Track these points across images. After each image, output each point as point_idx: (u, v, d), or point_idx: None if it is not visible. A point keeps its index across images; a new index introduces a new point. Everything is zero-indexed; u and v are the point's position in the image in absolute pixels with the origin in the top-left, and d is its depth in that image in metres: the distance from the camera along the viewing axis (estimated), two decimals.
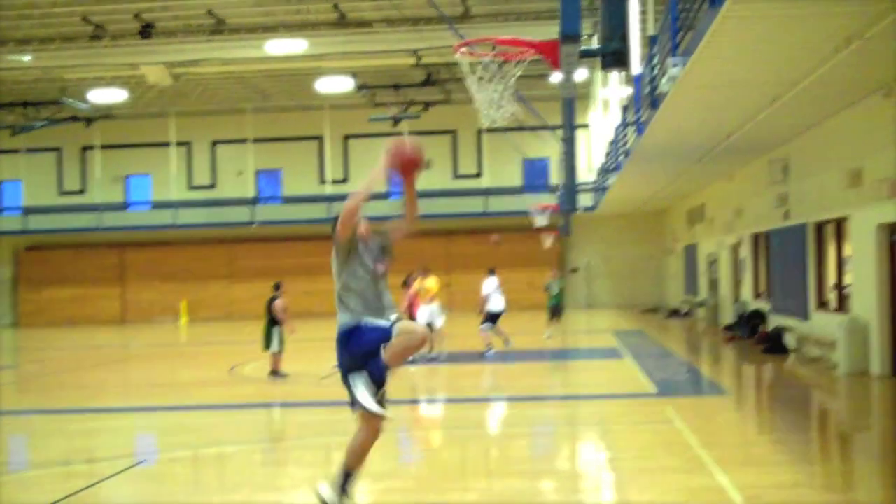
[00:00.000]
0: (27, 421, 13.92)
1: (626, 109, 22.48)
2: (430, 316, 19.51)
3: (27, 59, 29.00)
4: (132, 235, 42.99)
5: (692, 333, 26.92)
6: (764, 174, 21.08)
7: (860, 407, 13.72)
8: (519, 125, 32.90)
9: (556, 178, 39.39)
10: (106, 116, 38.99)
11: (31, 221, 42.76)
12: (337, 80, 33.81)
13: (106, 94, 34.74)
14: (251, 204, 42.60)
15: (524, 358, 20.55)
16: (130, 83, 34.67)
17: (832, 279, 18.33)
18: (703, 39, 10.75)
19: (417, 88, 35.52)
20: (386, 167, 7.21)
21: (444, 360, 19.51)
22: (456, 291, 37.89)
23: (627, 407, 13.38)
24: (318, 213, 41.52)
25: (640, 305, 40.17)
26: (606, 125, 29.63)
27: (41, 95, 36.24)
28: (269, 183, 45.01)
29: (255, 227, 41.98)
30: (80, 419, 13.81)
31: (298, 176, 43.51)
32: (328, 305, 37.52)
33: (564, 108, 25.65)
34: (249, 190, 43.28)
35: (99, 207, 42.53)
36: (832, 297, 18.26)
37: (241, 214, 42.18)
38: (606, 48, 9.70)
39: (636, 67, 18.20)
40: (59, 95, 35.38)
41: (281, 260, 41.97)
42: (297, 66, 32.70)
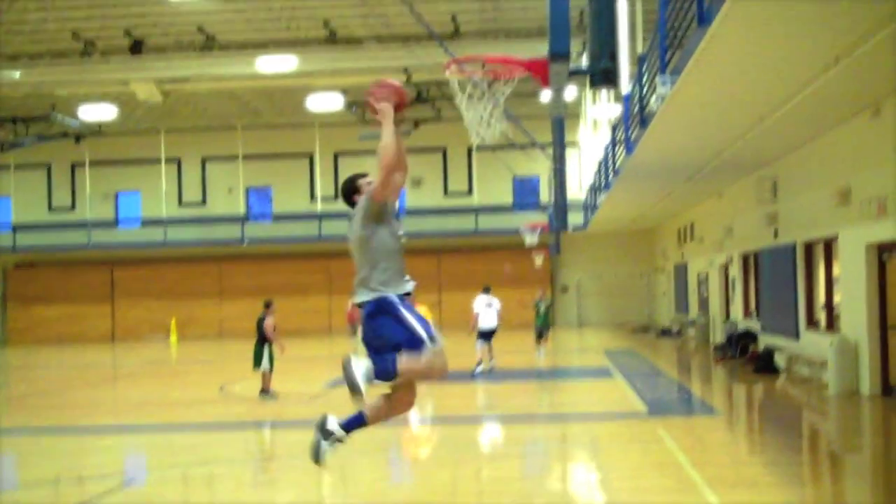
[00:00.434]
0: (16, 440, 13.81)
1: (615, 128, 22.53)
2: None
3: (17, 74, 28.96)
4: (122, 253, 42.90)
5: (683, 353, 26.91)
6: (753, 193, 21.13)
7: (851, 427, 13.71)
8: (509, 143, 32.96)
9: (546, 196, 39.44)
10: (96, 133, 38.93)
11: (20, 238, 42.60)
12: (327, 97, 33.85)
13: (96, 110, 34.72)
14: (241, 221, 42.55)
15: (514, 377, 20.51)
16: (120, 99, 34.64)
17: (822, 298, 18.36)
18: (691, 58, 10.79)
19: (407, 106, 35.55)
20: (386, 106, 7.06)
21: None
22: (447, 310, 37.86)
23: (618, 426, 13.35)
24: (308, 230, 41.55)
25: (630, 324, 40.16)
26: (596, 143, 29.71)
27: (31, 111, 36.18)
28: (259, 200, 44.98)
29: (245, 244, 41.92)
30: (68, 438, 13.73)
31: (289, 193, 43.49)
32: (319, 323, 37.52)
33: (554, 126, 25.69)
34: (240, 207, 43.22)
35: (88, 224, 42.44)
36: (822, 316, 18.29)
37: (231, 232, 42.11)
38: (595, 67, 9.70)
39: (625, 86, 18.28)
40: (48, 111, 35.33)
41: (271, 278, 41.94)
42: (287, 83, 32.71)
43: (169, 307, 42.68)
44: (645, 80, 15.60)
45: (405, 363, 6.69)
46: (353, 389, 6.68)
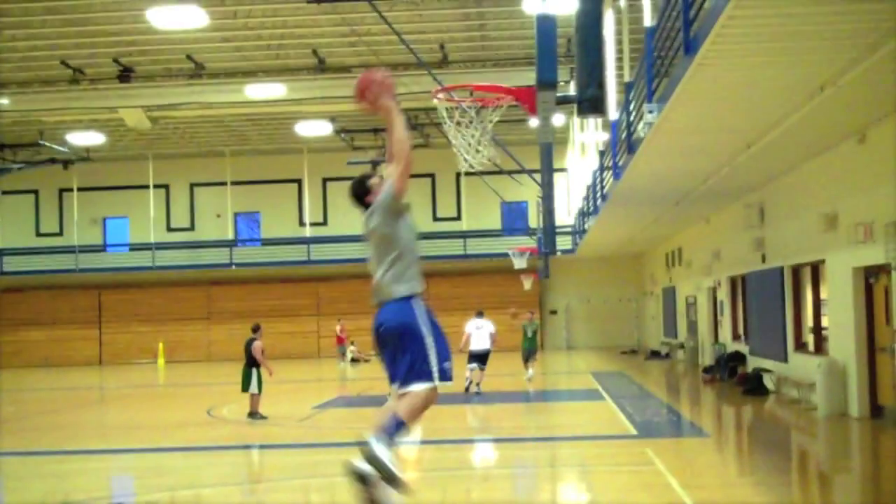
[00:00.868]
0: (3, 462, 13.77)
1: (603, 154, 22.68)
2: None
3: (5, 101, 28.98)
4: (110, 277, 42.80)
5: (672, 375, 26.98)
6: (740, 218, 21.28)
7: (840, 449, 13.79)
8: (497, 169, 33.09)
9: (534, 220, 39.56)
10: (84, 159, 38.91)
11: (8, 263, 42.50)
12: (316, 124, 33.97)
13: (84, 137, 34.75)
14: (230, 246, 42.54)
15: (504, 399, 20.53)
16: (109, 126, 34.65)
17: (810, 321, 18.47)
18: (678, 86, 10.91)
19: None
20: (387, 101, 7.04)
21: None
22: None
23: (608, 449, 13.40)
24: (296, 255, 41.58)
25: (619, 347, 40.23)
26: (584, 169, 29.85)
27: (19, 138, 36.14)
28: (247, 225, 45.01)
29: (233, 268, 41.90)
30: (56, 461, 13.69)
31: (277, 219, 43.52)
32: (307, 347, 37.49)
33: (542, 152, 25.83)
34: (228, 232, 43.22)
35: (76, 249, 42.35)
36: (810, 338, 18.39)
37: (219, 256, 42.10)
38: (583, 94, 9.79)
39: (612, 113, 18.42)
40: (37, 138, 35.31)
41: (259, 302, 41.94)
42: (276, 110, 32.79)
43: (157, 331, 42.59)
44: (632, 107, 15.74)
45: (409, 411, 6.55)
46: (391, 481, 6.36)
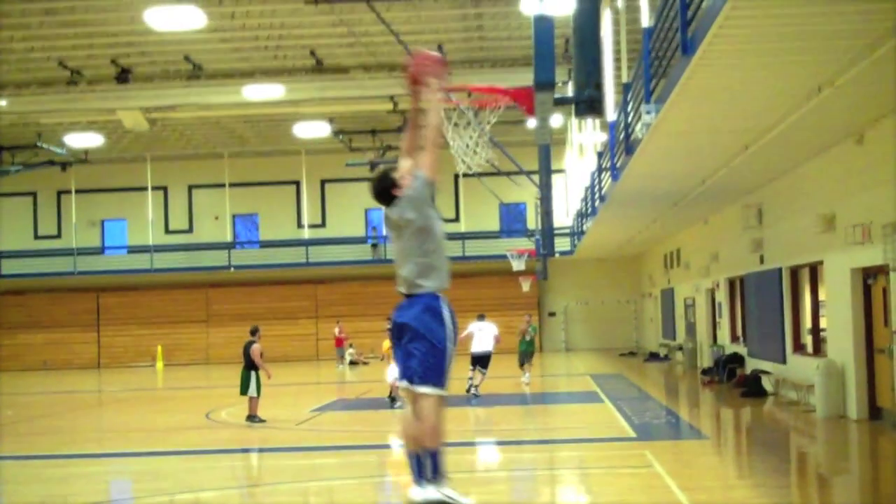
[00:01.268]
0: (1, 467, 13.73)
1: (601, 155, 22.67)
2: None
3: (3, 103, 28.94)
4: (108, 280, 42.77)
5: (670, 377, 26.96)
6: (738, 219, 21.26)
7: (839, 450, 13.77)
8: (495, 170, 33.09)
9: (533, 222, 39.55)
10: (82, 161, 38.90)
11: (6, 266, 42.46)
12: (314, 125, 33.95)
13: (82, 138, 34.72)
14: (228, 248, 42.52)
15: (503, 401, 20.51)
16: (107, 128, 34.64)
17: (808, 323, 18.45)
18: (676, 87, 10.90)
19: (394, 133, 35.65)
20: (434, 81, 6.93)
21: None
22: None
23: (607, 451, 13.37)
24: (295, 257, 41.56)
25: (617, 349, 40.24)
26: (582, 170, 29.85)
27: (17, 140, 36.13)
28: (245, 227, 44.99)
29: (231, 271, 41.88)
30: (54, 465, 13.66)
31: (276, 220, 43.52)
32: (305, 349, 37.43)
33: (540, 153, 25.83)
34: (226, 234, 43.20)
35: (74, 252, 42.32)
36: (808, 340, 18.38)
37: (217, 258, 42.08)
38: (580, 96, 9.77)
39: (610, 114, 18.42)
40: (34, 140, 35.29)
41: (258, 304, 41.93)
42: (274, 111, 32.80)
43: (155, 334, 42.59)
44: (630, 108, 15.72)
45: (432, 436, 6.78)
46: None
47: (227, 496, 10.85)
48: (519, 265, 35.50)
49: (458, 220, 42.43)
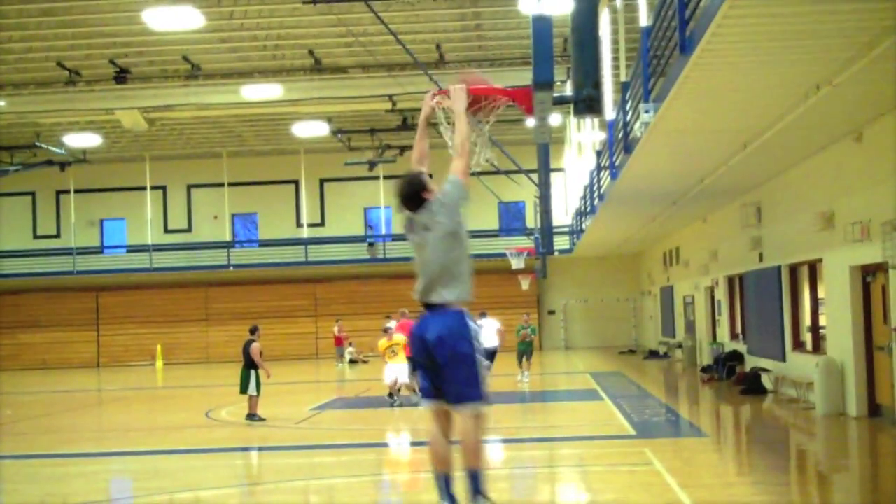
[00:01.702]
0: (0, 466, 13.75)
1: (599, 154, 22.68)
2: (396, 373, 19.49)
3: (1, 103, 28.94)
4: (107, 279, 42.77)
5: (670, 375, 26.98)
6: (737, 217, 21.28)
7: (838, 448, 13.78)
8: (494, 169, 33.11)
9: (532, 221, 39.56)
10: (81, 161, 38.89)
11: (5, 265, 42.46)
12: (312, 124, 33.95)
13: (81, 138, 34.72)
14: (227, 247, 42.52)
15: (503, 399, 20.51)
16: (105, 128, 34.64)
17: (807, 320, 18.47)
18: (674, 86, 10.91)
19: (393, 133, 35.66)
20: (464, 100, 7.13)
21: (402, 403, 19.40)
22: None
23: (606, 448, 13.39)
24: (293, 256, 41.56)
25: (617, 347, 40.27)
26: (581, 168, 29.87)
27: (15, 140, 36.12)
28: (244, 227, 45.00)
29: (231, 270, 41.88)
30: (54, 464, 13.67)
31: (275, 219, 43.51)
32: (305, 348, 37.41)
33: (539, 152, 25.85)
34: (225, 234, 43.20)
35: (74, 251, 42.32)
36: (808, 338, 18.39)
37: (217, 257, 42.07)
38: (579, 95, 9.78)
39: (609, 113, 18.43)
40: (33, 140, 35.28)
41: (257, 303, 41.95)
42: (272, 110, 32.79)
43: (155, 333, 42.57)
44: (629, 107, 15.74)
45: (476, 455, 6.81)
46: None
47: (226, 495, 10.86)
48: (518, 264, 35.51)
49: None
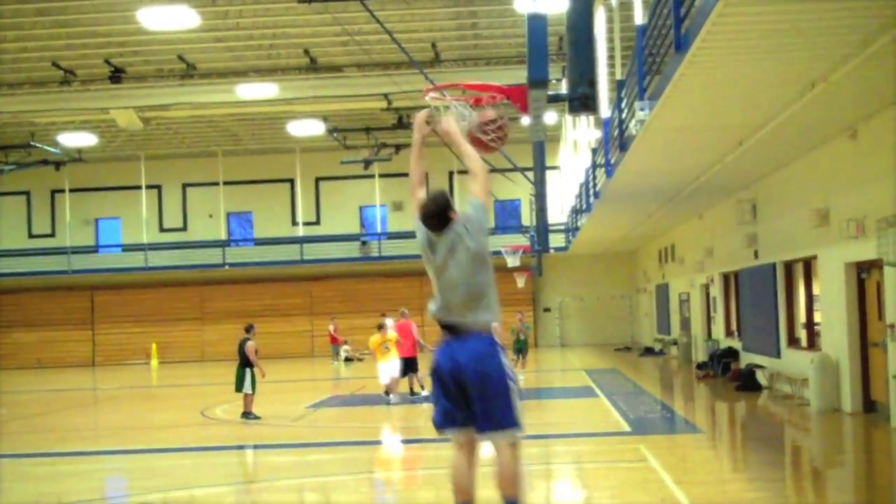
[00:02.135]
0: None
1: (595, 151, 22.70)
2: (391, 371, 19.55)
3: None
4: (102, 278, 42.72)
5: (665, 372, 27.02)
6: (733, 215, 21.32)
7: (833, 444, 13.82)
8: (490, 167, 33.11)
9: (527, 218, 39.60)
10: (76, 160, 38.84)
11: (0, 265, 42.39)
12: (308, 123, 33.94)
13: (76, 137, 34.68)
14: (222, 246, 42.49)
15: None
16: (100, 127, 34.59)
17: (802, 317, 18.51)
18: (669, 84, 10.93)
19: (388, 131, 35.66)
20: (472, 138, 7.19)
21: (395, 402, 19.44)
22: (430, 332, 37.83)
23: (602, 445, 13.42)
24: (289, 254, 41.55)
25: (612, 344, 40.32)
26: (577, 166, 29.89)
27: (10, 139, 36.04)
28: (240, 225, 44.99)
29: (226, 268, 41.87)
30: (48, 462, 13.68)
31: (270, 218, 43.50)
32: (300, 346, 37.40)
33: (535, 150, 25.86)
34: (221, 232, 43.17)
35: (69, 250, 42.27)
36: (802, 334, 18.44)
37: (212, 256, 42.04)
38: (574, 93, 9.81)
39: (604, 111, 18.45)
40: (28, 139, 35.23)
41: (253, 302, 41.95)
42: (268, 109, 32.74)
43: (150, 332, 42.54)
44: (624, 105, 15.76)
45: (515, 485, 6.52)
46: None
47: (222, 493, 10.87)
48: (514, 261, 35.52)
49: None
